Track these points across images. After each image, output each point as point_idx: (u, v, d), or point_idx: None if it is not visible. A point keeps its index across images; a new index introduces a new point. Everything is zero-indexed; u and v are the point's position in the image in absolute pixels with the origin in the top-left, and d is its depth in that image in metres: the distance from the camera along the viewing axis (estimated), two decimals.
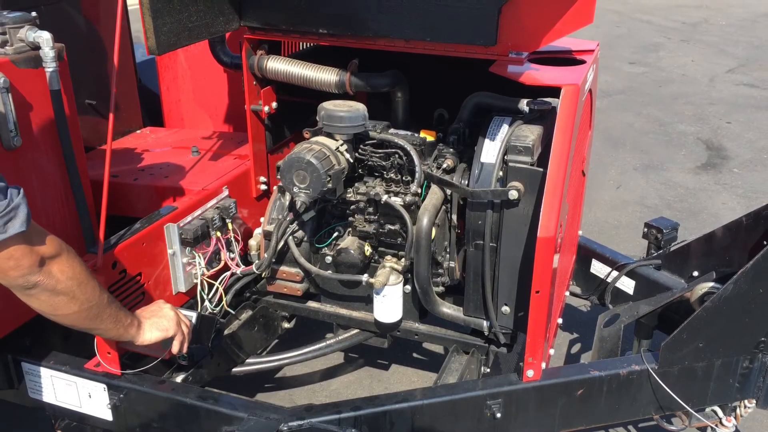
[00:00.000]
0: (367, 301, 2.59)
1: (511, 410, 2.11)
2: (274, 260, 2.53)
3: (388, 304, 2.44)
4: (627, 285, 2.83)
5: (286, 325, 2.85)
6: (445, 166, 2.38)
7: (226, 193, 2.59)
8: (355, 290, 2.58)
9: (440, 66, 2.62)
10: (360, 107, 2.32)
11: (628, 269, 2.80)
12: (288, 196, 2.52)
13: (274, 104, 2.70)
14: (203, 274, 2.44)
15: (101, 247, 2.07)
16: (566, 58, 2.40)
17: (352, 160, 2.35)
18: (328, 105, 2.32)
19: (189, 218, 2.39)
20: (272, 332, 2.80)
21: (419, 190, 2.35)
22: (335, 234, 2.56)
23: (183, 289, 2.42)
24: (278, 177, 2.27)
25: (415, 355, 3.32)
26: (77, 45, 2.30)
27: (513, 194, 2.10)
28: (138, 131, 3.41)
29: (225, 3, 2.38)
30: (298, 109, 2.87)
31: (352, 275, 2.45)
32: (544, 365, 2.12)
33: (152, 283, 2.32)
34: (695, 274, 2.65)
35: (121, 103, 3.28)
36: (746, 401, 2.30)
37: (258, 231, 2.71)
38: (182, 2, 2.18)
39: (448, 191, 2.38)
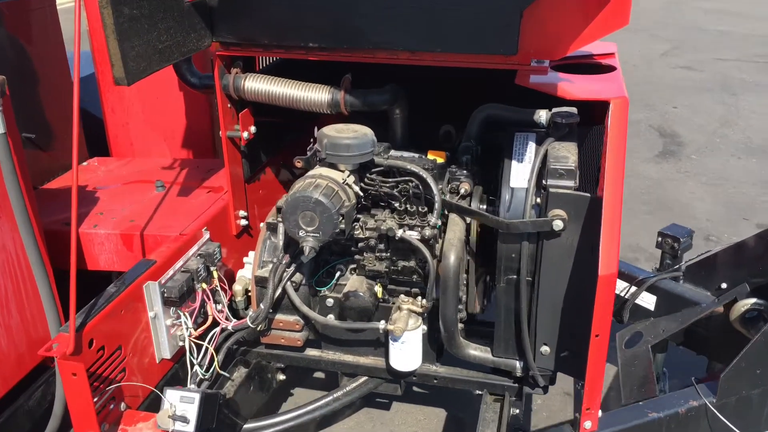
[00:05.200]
0: (375, 345, 2.29)
1: None
2: (270, 310, 2.20)
3: (408, 351, 2.16)
4: (647, 300, 2.64)
5: (281, 377, 2.53)
6: (462, 191, 2.12)
7: (207, 236, 2.23)
8: (361, 334, 2.28)
9: (436, 77, 2.33)
10: (367, 132, 2.01)
11: (649, 284, 2.61)
12: (280, 235, 2.19)
13: (252, 128, 2.37)
14: (190, 335, 2.09)
15: (74, 324, 1.69)
16: (589, 64, 2.17)
17: (361, 193, 2.04)
18: (330, 131, 2.00)
19: (170, 272, 2.02)
20: (267, 388, 2.47)
21: (438, 222, 2.06)
22: (337, 274, 2.25)
23: (168, 355, 2.06)
24: (279, 219, 1.94)
25: (415, 389, 3.04)
26: (5, 70, 1.89)
27: (558, 224, 1.84)
28: (84, 163, 2.97)
29: (196, 17, 2.02)
30: (272, 131, 2.53)
31: (366, 323, 2.15)
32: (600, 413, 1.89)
33: (133, 356, 1.94)
34: (723, 285, 2.48)
35: (61, 131, 2.84)
36: None
37: (241, 273, 2.37)
38: (150, 21, 1.81)
39: (467, 219, 2.11)
